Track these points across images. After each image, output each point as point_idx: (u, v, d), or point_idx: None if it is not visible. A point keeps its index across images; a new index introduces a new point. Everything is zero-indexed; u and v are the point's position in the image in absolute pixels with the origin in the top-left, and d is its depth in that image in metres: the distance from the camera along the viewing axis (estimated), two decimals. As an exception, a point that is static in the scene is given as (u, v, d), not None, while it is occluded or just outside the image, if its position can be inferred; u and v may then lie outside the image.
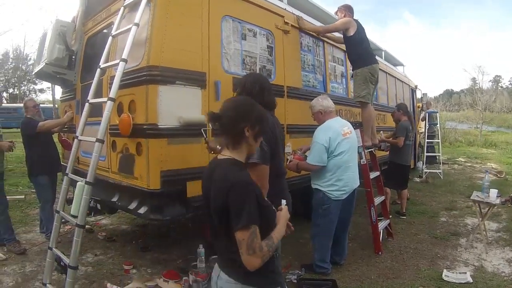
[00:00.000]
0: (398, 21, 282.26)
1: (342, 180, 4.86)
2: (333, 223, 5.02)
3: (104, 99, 4.12)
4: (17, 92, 50.37)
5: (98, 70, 4.47)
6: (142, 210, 4.23)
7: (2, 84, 47.98)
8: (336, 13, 6.43)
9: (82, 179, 3.92)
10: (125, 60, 3.97)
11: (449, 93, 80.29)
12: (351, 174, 5.01)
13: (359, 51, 6.12)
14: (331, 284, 4.67)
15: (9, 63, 52.33)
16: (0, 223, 5.80)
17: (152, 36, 4.09)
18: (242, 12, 5.07)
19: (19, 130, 6.30)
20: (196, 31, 4.41)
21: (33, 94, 51.08)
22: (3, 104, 6.38)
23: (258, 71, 5.21)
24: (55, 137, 6.60)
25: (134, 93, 4.24)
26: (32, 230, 6.81)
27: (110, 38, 4.53)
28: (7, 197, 6.09)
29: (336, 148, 4.82)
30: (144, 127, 4.07)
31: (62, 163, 6.58)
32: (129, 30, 4.13)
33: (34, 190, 8.87)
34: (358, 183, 5.21)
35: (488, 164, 17.53)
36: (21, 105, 6.70)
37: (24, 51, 49.31)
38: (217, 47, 4.67)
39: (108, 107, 3.92)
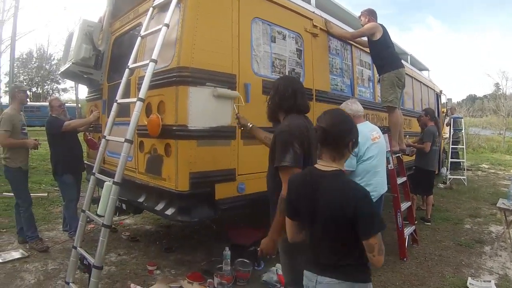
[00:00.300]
0: (421, 25, 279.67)
1: (371, 185, 4.76)
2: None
3: (134, 99, 4.10)
4: (40, 91, 51.04)
5: (127, 70, 4.46)
6: (169, 211, 4.21)
7: (25, 83, 48.63)
8: (359, 17, 6.38)
9: (110, 179, 3.90)
10: (155, 61, 3.95)
11: (472, 99, 79.18)
12: (380, 179, 4.92)
13: (385, 56, 6.06)
14: None
15: (33, 63, 53.06)
16: (23, 221, 5.82)
17: (182, 37, 4.07)
18: (272, 14, 5.04)
19: (42, 128, 6.34)
20: (226, 33, 4.39)
21: (56, 94, 51.72)
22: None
23: (287, 74, 5.18)
24: (80, 136, 6.61)
25: (163, 94, 4.22)
26: (55, 228, 6.83)
27: (139, 39, 4.52)
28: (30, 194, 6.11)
29: (365, 153, 4.73)
30: (174, 128, 4.05)
31: (86, 162, 6.62)
32: (158, 30, 4.11)
33: (57, 188, 8.95)
34: (386, 188, 5.12)
35: (512, 171, 17.24)
36: (44, 103, 6.76)
37: (47, 51, 50.03)
38: (247, 49, 4.65)
39: (137, 107, 3.89)
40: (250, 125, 3.94)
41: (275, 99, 3.32)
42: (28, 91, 6.33)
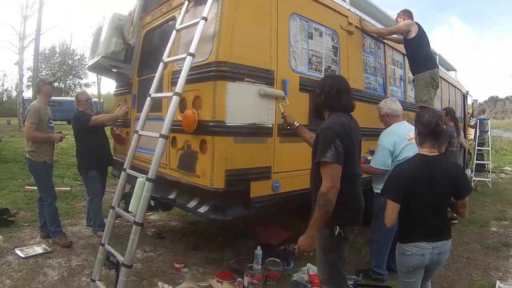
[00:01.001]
0: (445, 25, 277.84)
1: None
2: (394, 229, 4.86)
3: (169, 93, 4.04)
4: (63, 86, 51.61)
5: (161, 64, 4.39)
6: (202, 209, 4.13)
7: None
8: (396, 19, 6.37)
9: (143, 175, 3.83)
10: (192, 55, 3.88)
11: (493, 100, 78.53)
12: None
13: (420, 55, 5.99)
14: None
15: (56, 58, 53.73)
16: (47, 215, 5.79)
17: (221, 31, 3.99)
18: (309, 10, 4.95)
19: (63, 123, 6.28)
20: (265, 28, 4.31)
21: (79, 88, 52.34)
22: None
23: (323, 72, 5.11)
24: (107, 131, 6.57)
25: (199, 89, 4.15)
26: (78, 223, 6.82)
27: (174, 32, 4.46)
28: (53, 188, 6.08)
29: (401, 152, 4.66)
30: (210, 124, 3.97)
31: (114, 157, 6.58)
32: (196, 24, 4.05)
33: (79, 182, 8.99)
34: None
35: (536, 174, 16.95)
36: (67, 98, 6.71)
37: (70, 46, 50.65)
38: (285, 45, 4.56)
39: (173, 102, 3.83)
40: (297, 124, 3.98)
41: (321, 97, 3.36)
42: (54, 83, 6.28)
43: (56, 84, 51.49)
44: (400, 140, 4.72)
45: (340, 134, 3.03)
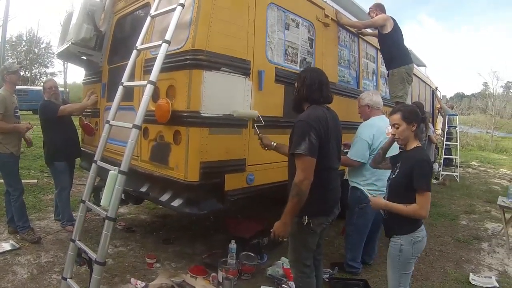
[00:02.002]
0: (414, 20, 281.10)
1: (381, 180, 4.66)
2: (369, 223, 4.91)
3: (143, 82, 3.88)
4: (29, 75, 50.55)
5: (134, 51, 4.22)
6: (176, 203, 4.03)
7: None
8: (368, 13, 6.31)
9: (115, 168, 3.69)
10: (168, 42, 3.73)
11: (460, 96, 80.00)
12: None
13: (396, 50, 5.97)
14: (363, 284, 4.63)
15: (22, 46, 52.59)
16: (14, 210, 5.58)
17: (198, 19, 3.85)
18: (287, 1, 4.87)
19: (28, 112, 6.05)
20: (243, 17, 4.21)
21: (44, 78, 51.35)
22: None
23: (299, 63, 5.06)
24: (75, 121, 6.37)
25: (174, 78, 4.01)
26: (46, 217, 6.59)
27: (148, 19, 4.28)
28: (19, 181, 5.86)
29: (378, 146, 4.63)
30: (185, 114, 3.84)
31: (82, 148, 6.39)
32: (172, 10, 3.90)
33: (46, 175, 8.75)
34: None
35: (501, 169, 17.47)
36: (32, 88, 6.43)
37: (37, 34, 49.61)
38: (262, 35, 4.47)
39: (148, 91, 3.68)
40: (274, 144, 3.92)
41: (302, 91, 3.38)
42: (19, 70, 6.03)
43: (22, 73, 50.44)
44: (378, 133, 4.72)
45: (315, 126, 3.09)
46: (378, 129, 4.74)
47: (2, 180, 5.92)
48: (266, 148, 3.98)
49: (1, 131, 5.39)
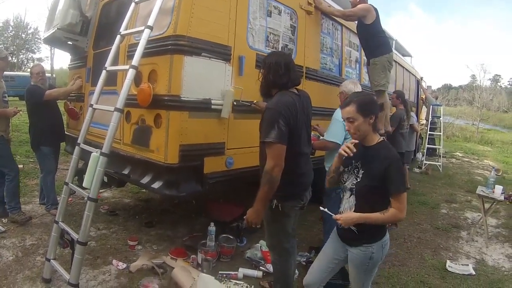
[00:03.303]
0: (402, 12, 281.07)
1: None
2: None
3: (126, 66, 3.96)
4: (15, 61, 49.98)
5: (118, 37, 4.29)
6: (156, 185, 4.10)
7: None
8: (350, 2, 6.14)
9: (97, 150, 3.77)
10: (151, 28, 3.81)
11: (447, 88, 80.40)
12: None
13: (377, 40, 5.96)
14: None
15: (9, 31, 51.98)
16: (8, 190, 5.60)
17: (180, 5, 3.92)
18: None
19: (15, 98, 6.05)
20: (225, 3, 4.27)
21: (31, 63, 50.80)
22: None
23: (280, 49, 5.10)
24: (61, 106, 6.41)
25: (155, 63, 4.09)
26: (31, 201, 6.64)
27: (132, 4, 4.33)
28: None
29: None
30: (166, 98, 3.92)
31: (66, 133, 6.45)
32: (156, -4, 3.97)
33: (32, 160, 8.75)
34: None
35: (485, 161, 17.62)
36: (19, 73, 6.40)
37: (24, 20, 49.00)
38: (244, 21, 4.53)
39: (130, 75, 3.76)
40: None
41: (269, 77, 3.37)
42: (8, 56, 6.05)
43: (9, 59, 49.88)
44: None
45: (284, 114, 3.11)
46: None
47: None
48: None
49: None
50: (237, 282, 4.16)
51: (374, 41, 5.99)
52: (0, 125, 5.53)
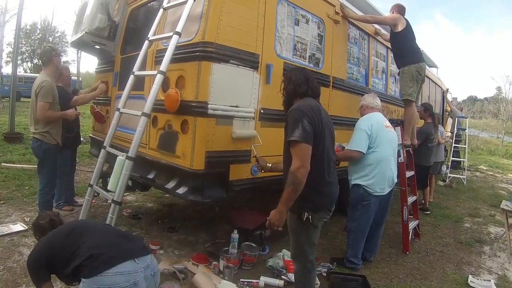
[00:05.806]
0: (429, 21, 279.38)
1: (384, 175, 4.76)
2: (371, 219, 4.95)
3: (153, 72, 4.01)
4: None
5: (146, 42, 4.36)
6: (181, 190, 4.12)
7: (27, 54, 48.49)
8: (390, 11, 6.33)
9: (123, 153, 3.81)
10: (179, 34, 3.85)
11: (472, 100, 79.41)
12: (393, 169, 4.95)
13: (407, 48, 6.01)
14: (362, 280, 4.61)
15: (36, 34, 52.82)
16: (42, 203, 5.36)
17: (209, 12, 3.95)
18: None
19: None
20: (253, 11, 4.29)
21: (58, 66, 51.69)
22: (28, 74, 6.10)
23: (307, 59, 5.13)
24: (87, 109, 6.47)
25: (183, 69, 4.10)
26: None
27: (161, 11, 4.40)
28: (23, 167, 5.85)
29: (378, 137, 4.73)
30: (193, 104, 3.93)
31: (91, 136, 6.55)
32: (184, 3, 4.01)
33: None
34: (397, 180, 5.13)
35: (510, 175, 17.30)
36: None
37: (52, 23, 49.80)
38: (272, 29, 4.55)
39: (157, 80, 3.81)
40: (270, 165, 4.05)
41: (291, 88, 3.43)
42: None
43: (35, 61, 50.65)
44: (377, 124, 4.80)
45: (308, 114, 3.10)
46: (376, 120, 4.84)
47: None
48: (263, 170, 4.15)
49: (50, 121, 5.25)
50: (258, 290, 4.14)
51: (403, 50, 6.05)
52: (57, 131, 5.41)
